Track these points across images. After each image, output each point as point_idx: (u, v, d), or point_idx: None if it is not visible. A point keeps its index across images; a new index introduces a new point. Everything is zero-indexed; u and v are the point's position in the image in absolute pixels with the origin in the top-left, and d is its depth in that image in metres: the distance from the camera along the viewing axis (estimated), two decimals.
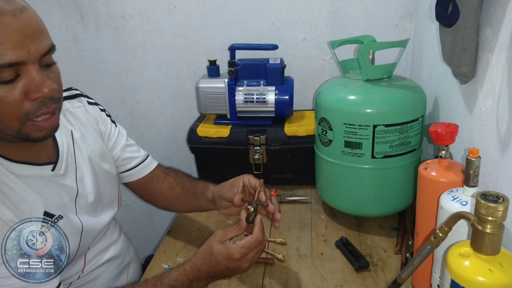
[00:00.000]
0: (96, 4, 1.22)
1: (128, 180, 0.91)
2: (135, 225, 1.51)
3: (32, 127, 0.60)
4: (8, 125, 0.59)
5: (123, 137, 0.90)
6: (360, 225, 0.94)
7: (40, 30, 0.58)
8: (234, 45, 1.07)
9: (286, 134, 1.08)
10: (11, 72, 0.55)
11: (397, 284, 0.59)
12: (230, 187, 0.81)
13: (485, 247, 0.45)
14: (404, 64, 1.19)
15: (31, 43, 0.56)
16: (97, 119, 0.84)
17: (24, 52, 0.55)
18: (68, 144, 0.75)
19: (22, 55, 0.55)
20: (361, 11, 1.15)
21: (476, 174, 0.56)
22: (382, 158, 0.82)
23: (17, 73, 0.56)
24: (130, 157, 0.90)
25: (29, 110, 0.58)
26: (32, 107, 0.59)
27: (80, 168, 0.76)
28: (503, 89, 0.60)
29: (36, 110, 0.59)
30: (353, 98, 0.83)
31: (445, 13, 0.67)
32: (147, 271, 0.84)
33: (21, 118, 0.58)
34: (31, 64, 0.57)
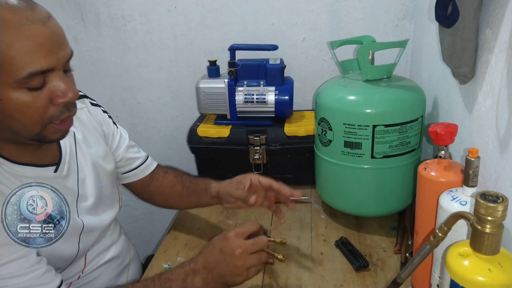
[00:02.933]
0: (96, 4, 1.22)
1: (130, 180, 0.92)
2: (135, 225, 1.51)
3: (51, 130, 0.61)
4: (30, 129, 0.60)
5: (126, 138, 0.91)
6: (360, 225, 0.94)
7: (64, 36, 0.60)
8: (234, 46, 1.08)
9: (286, 134, 1.08)
10: (41, 79, 0.57)
11: (397, 283, 0.59)
12: (237, 184, 0.84)
13: (485, 247, 0.45)
14: (404, 64, 1.19)
15: (59, 49, 0.58)
16: (100, 121, 0.85)
17: (54, 59, 0.57)
18: (71, 146, 0.76)
19: (53, 62, 0.57)
20: (361, 12, 1.15)
21: (475, 174, 0.56)
22: (382, 158, 0.82)
23: (45, 81, 0.57)
24: (133, 158, 0.91)
25: (53, 114, 0.60)
26: (56, 111, 0.60)
27: (82, 170, 0.76)
28: (502, 89, 0.60)
29: (60, 114, 0.60)
30: (352, 98, 0.83)
31: (445, 13, 0.67)
32: (147, 271, 0.84)
33: (44, 122, 0.60)
34: (57, 70, 0.58)
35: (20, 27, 0.53)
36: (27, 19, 0.54)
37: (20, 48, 0.53)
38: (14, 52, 0.53)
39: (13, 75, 0.54)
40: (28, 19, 0.54)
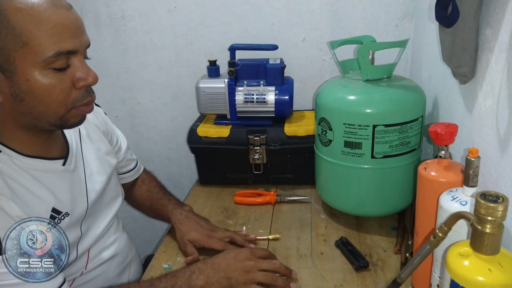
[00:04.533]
0: (96, 4, 1.22)
1: (123, 182, 0.95)
2: (135, 224, 1.51)
3: (75, 113, 0.65)
4: (55, 111, 0.62)
5: (125, 140, 0.95)
6: (360, 225, 0.94)
7: (83, 24, 0.64)
8: (234, 45, 1.08)
9: (286, 134, 1.08)
10: (65, 60, 0.60)
11: (397, 283, 0.59)
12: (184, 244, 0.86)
13: (485, 247, 0.45)
14: (404, 64, 1.19)
15: (81, 34, 0.62)
16: (104, 120, 0.88)
17: (77, 42, 0.61)
18: (76, 141, 0.78)
19: (77, 44, 0.61)
20: (361, 12, 1.15)
21: (475, 174, 0.56)
22: (382, 158, 0.82)
23: (68, 63, 0.61)
24: (131, 159, 0.96)
25: (76, 97, 0.63)
26: (79, 95, 0.64)
27: (88, 165, 0.78)
28: (502, 89, 0.60)
29: (82, 98, 0.64)
30: (353, 98, 0.83)
31: (445, 13, 0.67)
32: (147, 271, 0.84)
33: (68, 105, 0.63)
34: (79, 54, 0.62)
35: (47, 10, 0.57)
36: (54, 4, 0.59)
37: (48, 29, 0.57)
38: (42, 33, 0.57)
39: (41, 55, 0.57)
40: (55, 5, 0.59)
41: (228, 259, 0.74)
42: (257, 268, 0.73)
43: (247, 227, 0.96)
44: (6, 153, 0.64)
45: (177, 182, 1.43)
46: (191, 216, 0.90)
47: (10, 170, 0.63)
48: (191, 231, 0.86)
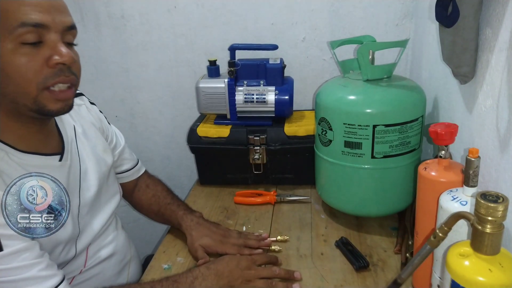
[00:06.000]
0: (96, 4, 1.22)
1: (121, 181, 0.94)
2: (135, 224, 1.50)
3: (48, 96, 0.62)
4: (26, 91, 0.60)
5: (123, 138, 0.94)
6: (360, 225, 0.94)
7: (66, 8, 0.63)
8: (234, 45, 1.07)
9: (286, 134, 1.08)
10: (35, 35, 0.59)
11: (397, 284, 0.59)
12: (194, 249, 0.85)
13: (485, 247, 0.45)
14: (404, 64, 1.19)
15: (56, 13, 0.61)
16: (99, 118, 0.88)
17: (49, 18, 0.59)
18: (72, 138, 0.77)
19: (47, 19, 0.59)
20: (361, 11, 1.15)
21: (475, 174, 0.56)
22: (382, 158, 0.82)
23: (40, 39, 0.59)
24: (128, 159, 0.95)
25: (48, 75, 0.61)
26: (51, 73, 0.61)
27: (83, 161, 0.78)
28: (502, 89, 0.60)
29: (54, 76, 0.61)
30: (353, 98, 0.83)
31: (445, 13, 0.67)
32: (147, 271, 0.84)
33: (39, 84, 0.60)
34: (54, 32, 0.60)
35: None
36: None
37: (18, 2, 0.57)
38: (10, 5, 0.57)
39: (8, 26, 0.57)
40: None
41: (231, 266, 0.74)
42: (257, 277, 0.74)
43: (247, 227, 0.96)
44: (3, 149, 0.64)
45: (177, 182, 1.43)
46: (202, 222, 0.89)
47: (7, 166, 0.63)
48: (203, 236, 0.85)
